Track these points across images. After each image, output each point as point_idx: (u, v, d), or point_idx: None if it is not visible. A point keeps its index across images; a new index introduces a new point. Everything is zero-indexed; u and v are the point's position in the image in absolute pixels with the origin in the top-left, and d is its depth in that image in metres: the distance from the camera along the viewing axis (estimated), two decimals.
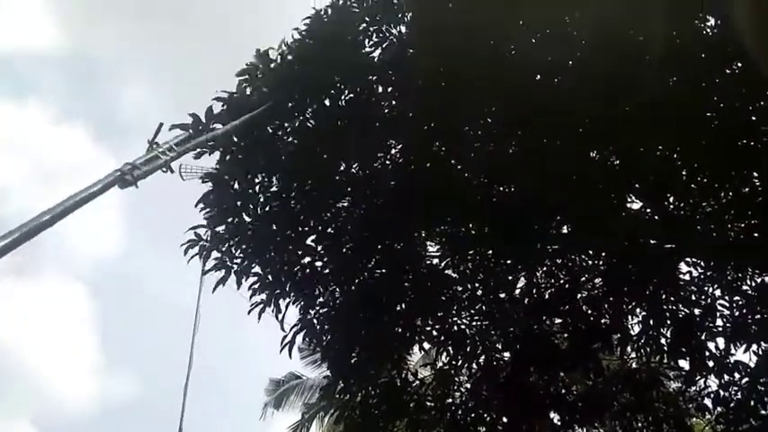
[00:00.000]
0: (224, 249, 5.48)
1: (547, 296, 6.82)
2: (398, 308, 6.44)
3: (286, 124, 5.27)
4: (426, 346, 6.89)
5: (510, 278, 6.83)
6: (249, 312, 5.76)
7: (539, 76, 5.54)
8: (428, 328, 6.73)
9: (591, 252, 6.67)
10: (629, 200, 6.12)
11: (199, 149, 5.04)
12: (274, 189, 5.47)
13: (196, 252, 5.44)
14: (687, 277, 6.29)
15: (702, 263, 6.31)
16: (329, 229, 5.90)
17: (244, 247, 5.48)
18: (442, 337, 6.82)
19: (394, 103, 5.57)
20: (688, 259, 6.12)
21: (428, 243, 6.88)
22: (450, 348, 6.86)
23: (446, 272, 6.68)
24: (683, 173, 6.11)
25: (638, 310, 6.56)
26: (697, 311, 6.25)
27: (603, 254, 6.63)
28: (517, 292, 6.93)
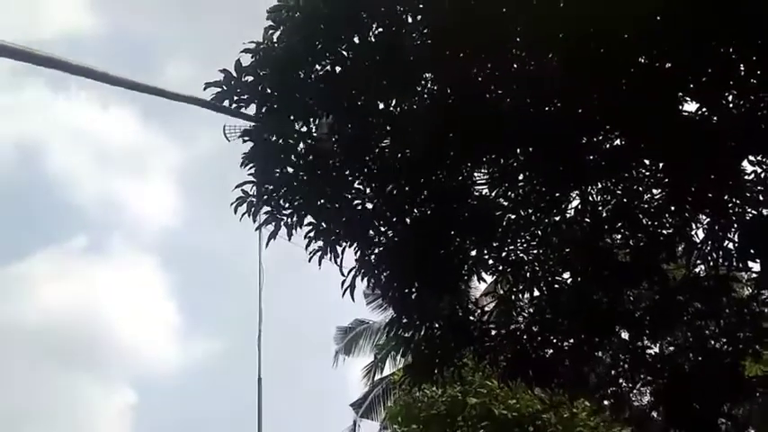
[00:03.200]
0: (272, 203, 5.53)
1: (604, 214, 6.64)
2: (452, 241, 6.40)
3: (318, 67, 5.18)
4: (485, 276, 6.85)
5: (563, 200, 6.66)
6: (309, 260, 5.82)
7: None
8: (485, 257, 6.68)
9: (647, 162, 6.40)
10: (684, 102, 5.80)
11: (235, 104, 5.04)
12: (314, 135, 5.43)
13: (245, 209, 5.50)
14: (752, 177, 5.98)
15: None
16: (374, 170, 5.85)
17: (291, 198, 5.52)
18: (500, 266, 6.78)
19: (425, 31, 5.38)
20: (752, 158, 5.80)
21: (475, 174, 6.75)
22: (509, 276, 6.82)
23: (497, 200, 6.56)
24: (741, 67, 5.72)
25: (701, 216, 6.32)
26: (765, 211, 5.97)
27: (661, 163, 6.36)
28: (572, 213, 6.76)
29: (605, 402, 9.29)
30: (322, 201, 5.53)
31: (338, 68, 5.16)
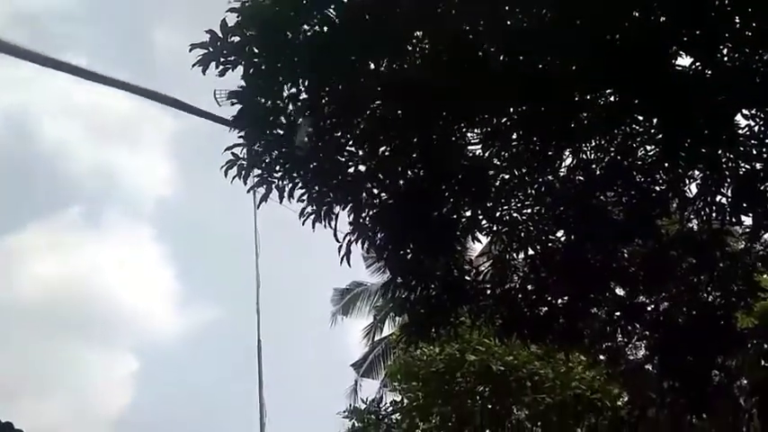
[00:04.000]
0: (263, 166, 5.50)
1: (597, 171, 6.63)
2: (446, 202, 6.40)
3: (306, 27, 5.07)
4: (479, 236, 6.87)
5: (557, 159, 6.63)
6: (303, 224, 5.81)
7: None
8: (479, 218, 6.69)
9: (640, 119, 6.35)
10: (678, 56, 5.72)
11: (222, 66, 4.95)
12: (303, 97, 5.35)
13: (236, 173, 5.47)
14: (746, 131, 5.94)
15: (762, 114, 5.92)
16: (366, 132, 5.79)
17: (282, 160, 5.48)
18: (494, 227, 6.79)
19: None
20: (746, 111, 5.75)
21: (468, 134, 6.70)
22: (503, 236, 6.84)
23: (490, 160, 6.53)
24: (737, 20, 5.62)
25: (695, 171, 6.31)
26: (759, 165, 5.96)
27: (654, 119, 6.31)
28: (565, 171, 6.75)
29: (601, 357, 9.46)
30: (314, 164, 5.50)
31: (326, 28, 5.05)
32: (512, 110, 6.27)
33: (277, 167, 5.52)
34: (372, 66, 5.76)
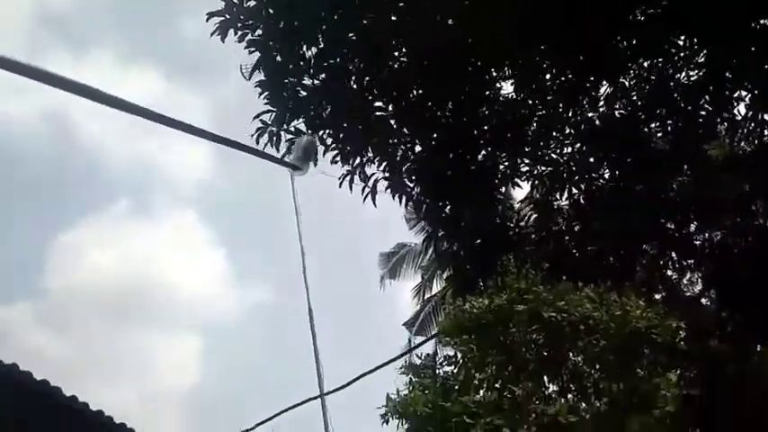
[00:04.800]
0: (292, 129, 5.44)
1: (639, 102, 6.35)
2: (482, 150, 6.25)
3: None
4: (519, 182, 6.71)
5: (594, 92, 6.37)
6: (340, 186, 5.76)
7: None
8: (518, 163, 6.53)
9: (681, 43, 6.02)
10: None
11: (240, 32, 4.87)
12: (326, 53, 5.23)
13: (267, 140, 5.43)
14: None
15: None
16: (394, 86, 5.65)
17: (310, 123, 5.41)
18: (534, 171, 6.62)
19: None
20: None
21: (499, 78, 6.48)
22: (544, 179, 6.67)
23: (525, 103, 6.33)
24: None
25: (742, 92, 5.97)
26: None
27: (696, 40, 5.97)
28: (605, 106, 6.48)
29: (656, 296, 9.25)
30: (343, 123, 5.41)
31: None
32: (544, 47, 6.03)
33: (308, 130, 5.46)
34: (395, 17, 5.59)
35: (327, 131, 5.47)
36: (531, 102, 6.26)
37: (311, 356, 10.74)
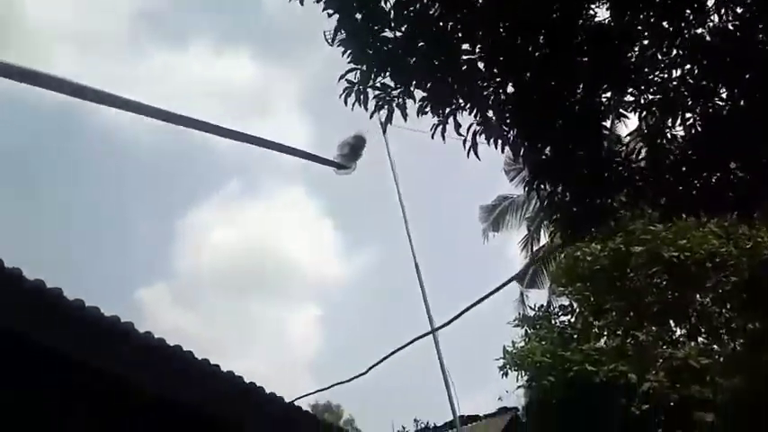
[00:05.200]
0: (378, 85, 5.34)
1: (754, 7, 5.68)
2: (580, 84, 5.85)
3: None
4: (625, 113, 6.25)
5: (703, 4, 5.76)
6: (432, 137, 5.60)
7: None
8: (623, 94, 6.07)
9: None
10: None
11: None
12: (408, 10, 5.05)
13: (354, 99, 5.36)
14: None
15: None
16: (481, 26, 5.38)
17: (396, 75, 5.28)
18: (642, 100, 6.13)
19: None
20: None
21: (593, 7, 6.01)
22: (653, 108, 6.16)
23: (625, 24, 5.83)
24: None
25: None
26: None
27: None
28: (716, 18, 5.85)
29: None
30: (430, 72, 5.23)
31: None
32: None
33: (396, 84, 5.34)
34: None
35: (414, 83, 5.31)
36: (630, 23, 5.76)
37: (422, 307, 10.78)
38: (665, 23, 5.61)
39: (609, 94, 6.06)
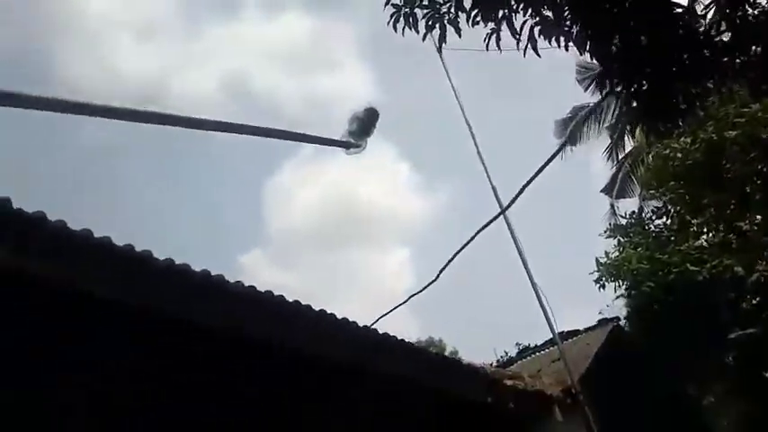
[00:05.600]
0: (426, 2, 5.09)
1: None
2: None
3: None
4: None
5: None
6: (487, 48, 5.30)
7: None
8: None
9: None
10: None
11: None
12: None
13: (404, 24, 5.14)
14: None
15: None
16: None
17: None
18: None
19: None
20: None
21: None
22: None
23: None
24: None
25: None
26: None
27: None
28: None
29: None
30: None
31: None
32: None
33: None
34: None
35: None
36: None
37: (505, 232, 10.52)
38: None
39: None
